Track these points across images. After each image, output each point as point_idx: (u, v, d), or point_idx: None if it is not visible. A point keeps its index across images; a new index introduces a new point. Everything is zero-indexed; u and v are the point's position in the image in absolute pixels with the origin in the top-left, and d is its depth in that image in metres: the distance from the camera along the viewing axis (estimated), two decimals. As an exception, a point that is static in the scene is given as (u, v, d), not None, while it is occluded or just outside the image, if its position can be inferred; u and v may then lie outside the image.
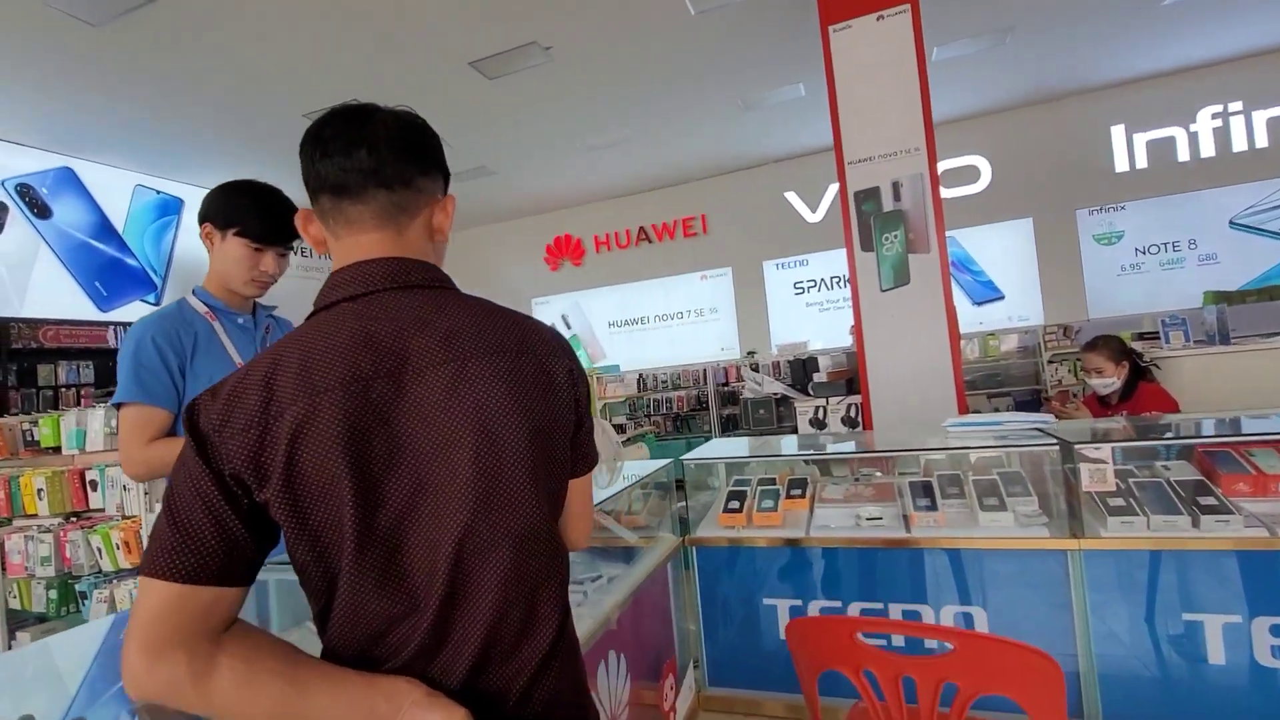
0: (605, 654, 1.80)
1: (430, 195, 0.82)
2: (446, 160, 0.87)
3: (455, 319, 0.75)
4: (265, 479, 0.65)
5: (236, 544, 0.65)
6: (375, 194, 0.76)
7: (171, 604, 0.62)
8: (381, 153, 0.75)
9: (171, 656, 0.60)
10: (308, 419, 0.66)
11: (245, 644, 0.65)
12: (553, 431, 0.78)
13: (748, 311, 8.57)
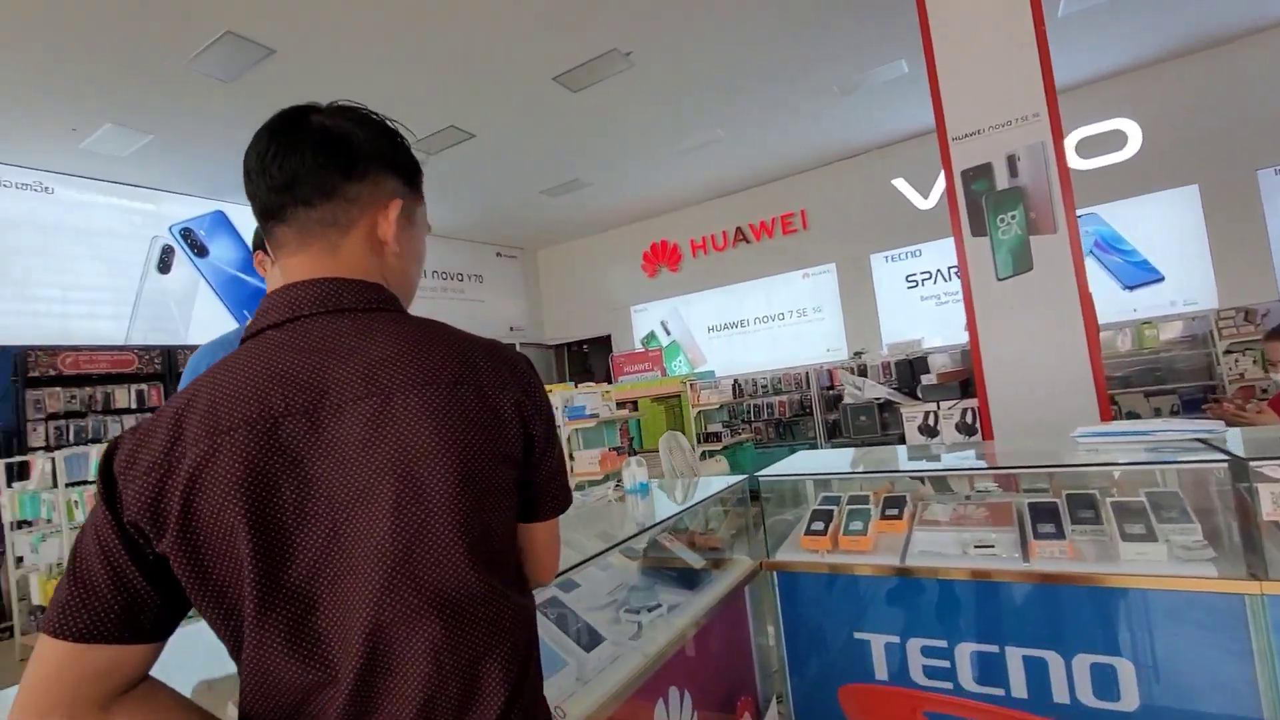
0: (664, 690, 1.66)
1: (371, 203, 0.72)
2: (402, 154, 0.77)
3: (385, 347, 0.65)
4: (163, 529, 0.58)
5: (137, 599, 0.59)
6: (296, 212, 0.69)
7: (62, 664, 0.56)
8: (295, 165, 0.68)
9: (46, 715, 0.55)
10: (206, 463, 0.59)
11: (142, 712, 0.58)
12: (493, 477, 0.66)
13: (855, 309, 8.04)
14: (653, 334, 9.58)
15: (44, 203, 5.67)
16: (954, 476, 2.63)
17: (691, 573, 1.95)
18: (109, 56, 4.18)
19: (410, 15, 4.12)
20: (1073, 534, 1.90)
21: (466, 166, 6.71)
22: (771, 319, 8.67)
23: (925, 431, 3.69)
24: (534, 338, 10.49)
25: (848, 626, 2.13)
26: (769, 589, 2.24)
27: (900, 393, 4.03)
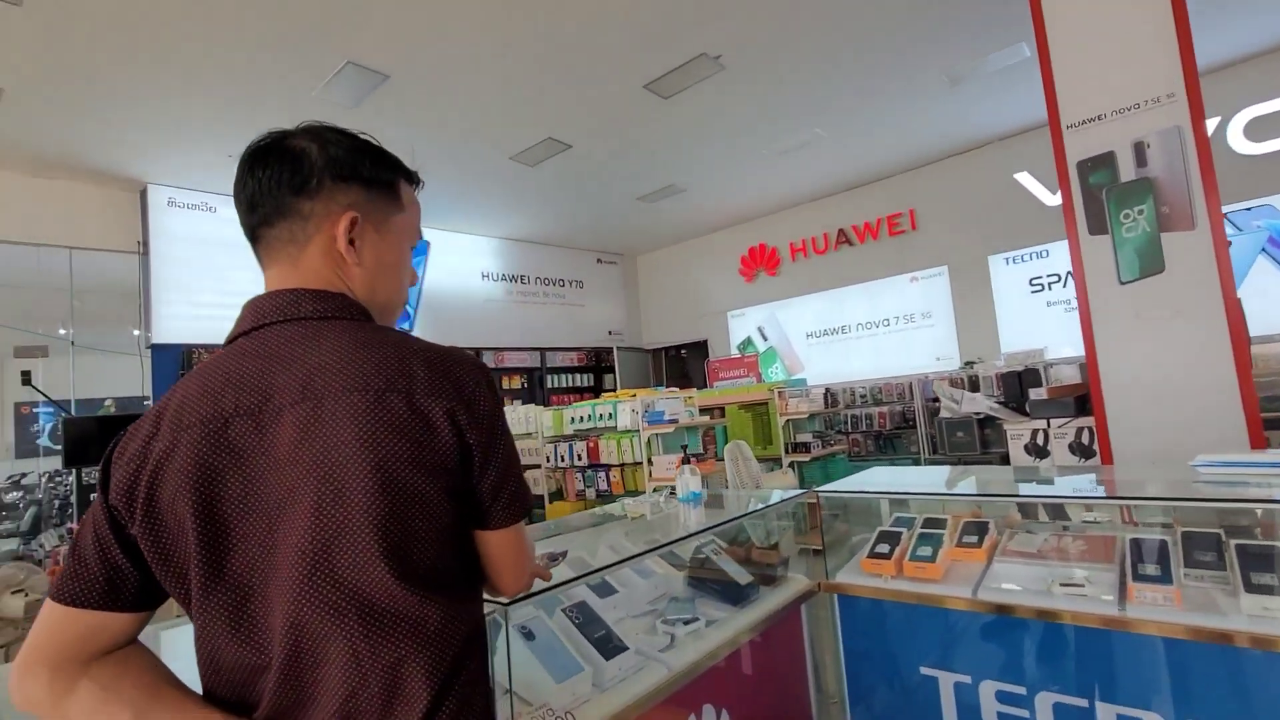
0: (697, 707, 1.62)
1: (325, 217, 0.76)
2: (368, 167, 0.80)
3: (326, 354, 0.68)
4: (133, 513, 0.65)
5: (119, 573, 0.66)
6: (261, 232, 0.75)
7: (55, 625, 0.65)
8: (253, 188, 0.73)
9: (34, 673, 0.63)
10: (168, 456, 0.65)
11: (112, 671, 0.65)
12: (416, 485, 0.66)
13: (970, 316, 7.43)
14: (749, 340, 9.39)
15: (208, 220, 6.54)
16: (1058, 505, 2.35)
17: (738, 588, 1.89)
18: (253, 92, 4.75)
19: (507, 35, 4.33)
20: (1185, 578, 1.64)
21: (564, 176, 6.94)
22: (875, 325, 8.22)
23: (1033, 451, 3.34)
24: (632, 342, 10.65)
25: (914, 660, 1.97)
26: (828, 612, 2.12)
27: (1007, 408, 3.66)
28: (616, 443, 4.44)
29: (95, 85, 4.50)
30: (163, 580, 0.67)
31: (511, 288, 9.17)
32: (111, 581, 0.66)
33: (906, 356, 7.86)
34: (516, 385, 9.15)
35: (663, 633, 1.66)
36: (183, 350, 6.30)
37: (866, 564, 2.06)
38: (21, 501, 9.76)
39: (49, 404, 12.31)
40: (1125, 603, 1.64)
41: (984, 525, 2.11)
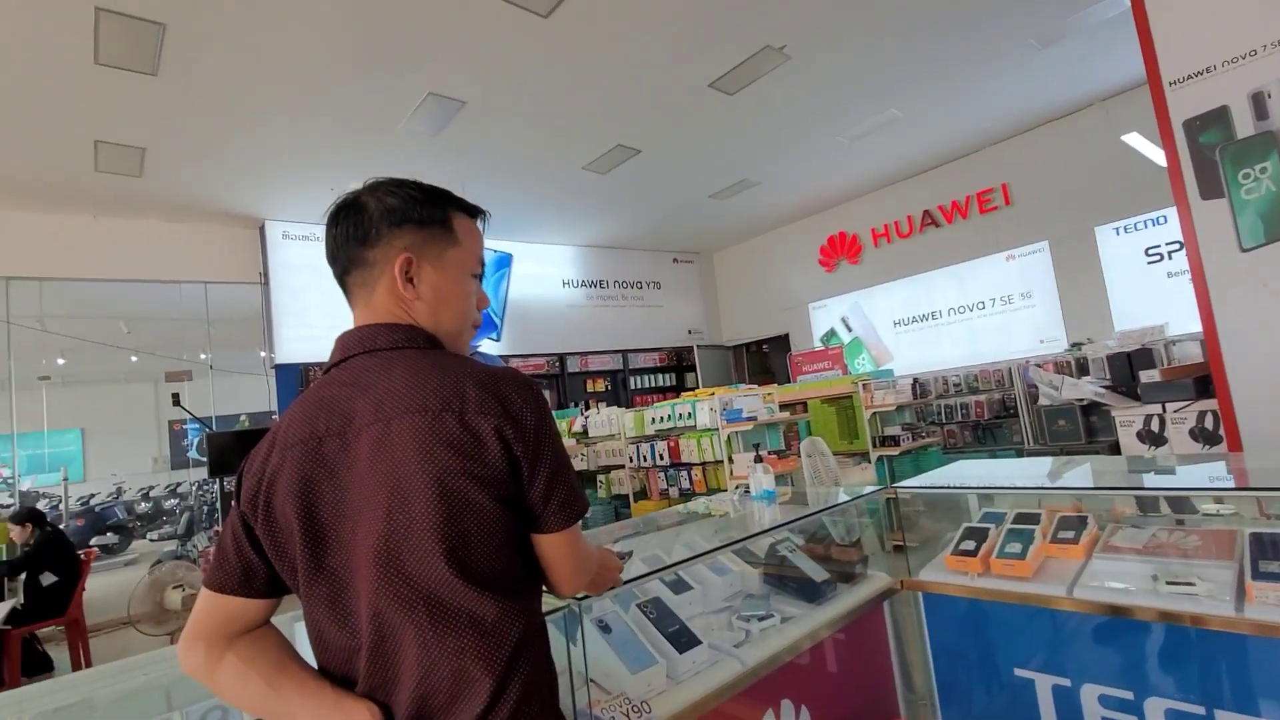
0: (775, 702, 1.65)
1: (386, 261, 0.86)
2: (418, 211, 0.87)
3: (395, 380, 0.78)
4: (256, 517, 0.78)
5: (251, 566, 0.79)
6: (345, 281, 0.86)
7: (206, 608, 0.79)
8: (332, 245, 0.85)
9: (195, 646, 0.77)
10: (278, 471, 0.77)
11: (251, 648, 0.78)
12: (468, 494, 0.74)
13: (1076, 293, 6.87)
14: (833, 331, 9.14)
15: (316, 250, 7.14)
16: (1179, 498, 2.18)
17: (814, 585, 1.89)
18: (348, 130, 5.18)
19: (570, 52, 4.48)
20: (1315, 577, 1.49)
21: (635, 181, 7.05)
22: (969, 309, 7.76)
23: (1147, 439, 3.09)
24: (712, 339, 10.62)
25: (1008, 662, 1.90)
26: (913, 611, 2.07)
27: (1116, 392, 3.39)
28: (696, 441, 4.49)
29: (219, 138, 5.06)
30: (280, 572, 0.80)
31: (591, 293, 9.40)
32: (246, 573, 0.79)
33: (1005, 340, 7.38)
34: (601, 388, 9.38)
35: (738, 629, 1.70)
36: (301, 368, 6.94)
37: (951, 561, 2.00)
38: (178, 508, 11.05)
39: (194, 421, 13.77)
40: (1244, 603, 1.51)
41: (1082, 520, 1.99)
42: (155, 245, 6.46)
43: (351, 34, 4.02)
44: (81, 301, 7.33)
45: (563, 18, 4.11)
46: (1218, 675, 1.54)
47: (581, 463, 5.54)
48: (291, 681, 0.77)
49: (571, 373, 9.07)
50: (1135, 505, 2.18)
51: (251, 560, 0.80)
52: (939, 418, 6.43)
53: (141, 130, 4.82)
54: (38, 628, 4.27)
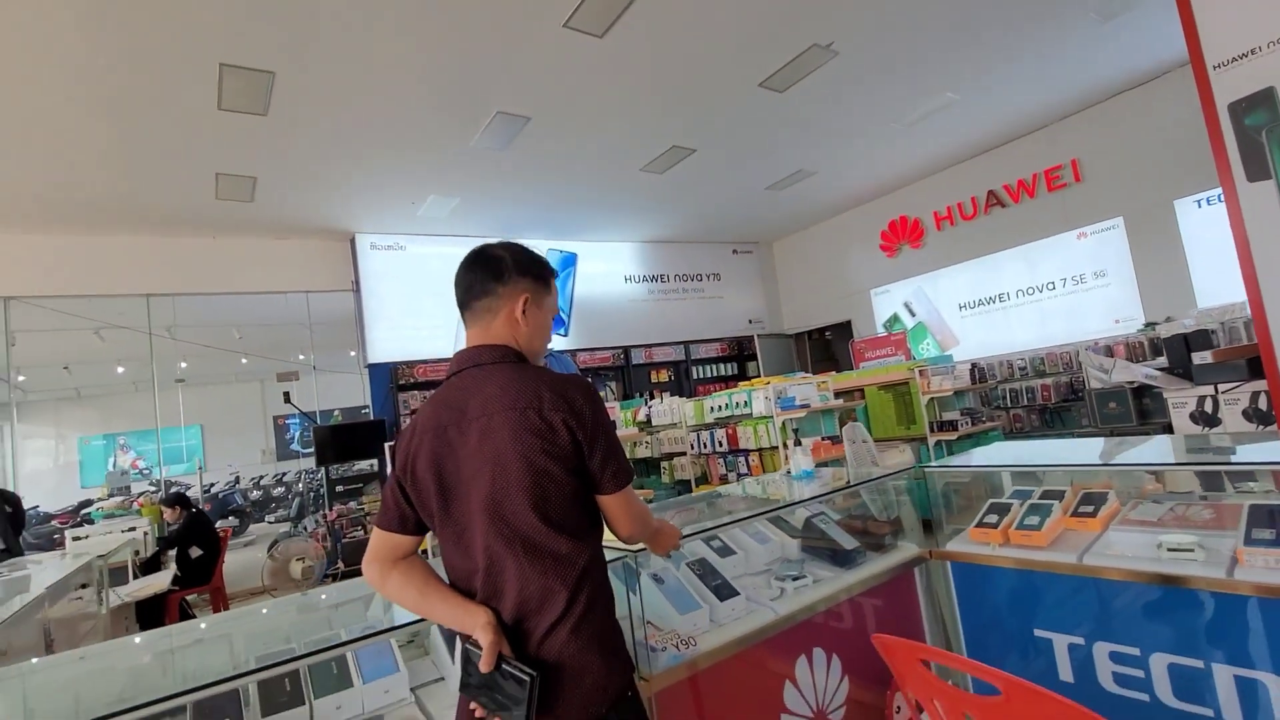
0: (808, 649, 1.92)
1: (510, 297, 1.20)
2: (535, 267, 1.24)
3: (493, 386, 1.12)
4: (405, 479, 1.14)
5: (405, 514, 1.16)
6: (471, 305, 1.20)
7: (377, 541, 1.16)
8: (470, 279, 1.19)
9: (371, 566, 1.15)
10: (419, 449, 1.13)
11: (408, 568, 1.15)
12: (546, 466, 1.07)
13: (1154, 270, 6.60)
14: (896, 317, 9.07)
15: (399, 258, 7.83)
16: (1213, 474, 2.29)
17: (845, 553, 2.14)
18: (426, 149, 5.69)
19: (624, 62, 4.77)
20: (1312, 544, 1.63)
21: (691, 178, 7.29)
22: (1039, 290, 7.56)
23: (1200, 420, 3.12)
24: (773, 328, 10.73)
25: (1028, 623, 2.09)
26: (941, 577, 2.29)
27: (1172, 374, 3.39)
28: (753, 429, 4.73)
29: (317, 164, 5.69)
30: (422, 518, 1.15)
31: (653, 287, 9.72)
32: (401, 518, 1.16)
33: (1078, 322, 7.17)
34: (664, 379, 9.70)
35: (774, 587, 1.98)
36: (390, 367, 7.63)
37: (974, 533, 2.20)
38: (288, 494, 12.19)
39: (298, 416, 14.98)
40: (1236, 566, 1.66)
41: (1102, 496, 2.14)
42: (264, 260, 7.27)
43: (428, 67, 4.48)
44: (201, 312, 8.28)
45: (616, 36, 4.42)
46: (1213, 632, 1.70)
47: (645, 450, 5.88)
48: (436, 592, 1.12)
49: (636, 364, 9.43)
50: (1170, 481, 2.30)
51: (405, 509, 1.16)
52: (1004, 402, 6.37)
53: (253, 162, 5.50)
54: (188, 594, 5.04)
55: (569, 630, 1.05)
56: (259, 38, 3.93)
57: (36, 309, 6.35)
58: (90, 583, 3.24)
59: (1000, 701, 0.93)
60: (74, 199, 5.68)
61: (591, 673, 1.06)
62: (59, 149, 4.83)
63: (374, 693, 1.45)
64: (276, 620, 1.84)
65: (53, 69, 3.91)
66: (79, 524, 6.75)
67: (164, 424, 8.27)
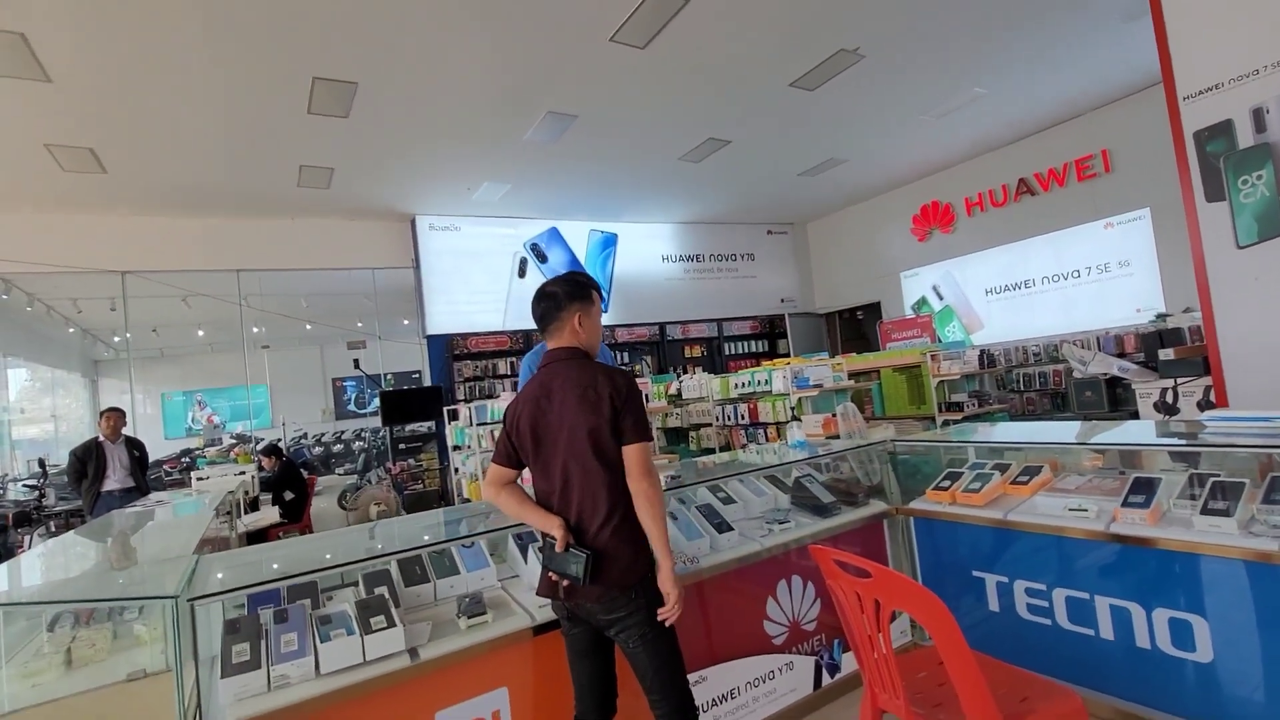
0: (788, 576, 2.52)
1: (569, 317, 1.78)
2: (580, 291, 1.82)
3: (567, 374, 1.72)
4: (512, 431, 1.76)
5: (511, 454, 1.78)
6: (545, 325, 1.80)
7: (493, 471, 1.79)
8: (541, 309, 1.79)
9: (490, 487, 1.78)
10: (521, 413, 1.75)
11: (511, 490, 1.77)
12: (600, 425, 1.66)
13: (1179, 260, 6.76)
14: (924, 299, 9.37)
15: (455, 238, 8.51)
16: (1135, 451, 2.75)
17: (823, 506, 2.71)
18: (482, 142, 6.28)
19: (666, 64, 5.22)
20: (1174, 505, 2.12)
21: (726, 167, 7.71)
22: (1064, 278, 7.78)
23: (1162, 409, 3.54)
24: (804, 308, 11.11)
25: (967, 566, 2.64)
26: (904, 529, 2.84)
27: (1147, 367, 3.79)
28: (772, 405, 5.27)
29: (388, 156, 6.36)
30: (522, 457, 1.77)
31: (689, 266, 10.21)
32: (509, 455, 1.78)
33: (1102, 309, 7.40)
34: (698, 354, 10.24)
35: (765, 529, 2.57)
36: (446, 338, 8.39)
37: (931, 494, 2.74)
38: (355, 450, 13.27)
39: (356, 379, 16.03)
40: (1113, 523, 2.17)
41: (1038, 468, 2.64)
42: (335, 239, 8.05)
43: (487, 74, 5.04)
44: (275, 284, 9.15)
45: (658, 47, 4.88)
46: (1095, 572, 2.22)
47: (676, 420, 6.48)
48: (529, 505, 1.75)
49: (671, 340, 9.99)
50: (1108, 460, 2.77)
51: (511, 452, 1.78)
52: (1018, 386, 6.72)
53: (333, 155, 6.19)
54: (284, 529, 5.93)
55: (611, 529, 1.65)
56: (347, 54, 4.54)
57: (139, 280, 7.25)
58: (224, 512, 4.05)
59: (871, 581, 1.49)
60: (180, 186, 6.49)
61: (624, 558, 1.66)
62: (172, 143, 5.59)
63: (473, 579, 2.10)
64: (395, 530, 2.53)
65: (175, 75, 4.60)
66: (186, 469, 7.79)
67: (238, 383, 9.19)
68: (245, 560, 2.11)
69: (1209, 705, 1.96)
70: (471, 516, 2.63)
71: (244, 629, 1.60)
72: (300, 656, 1.58)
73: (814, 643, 2.54)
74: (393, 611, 1.74)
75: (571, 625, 1.74)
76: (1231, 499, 1.96)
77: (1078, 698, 1.54)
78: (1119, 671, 2.17)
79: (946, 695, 1.60)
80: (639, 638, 1.62)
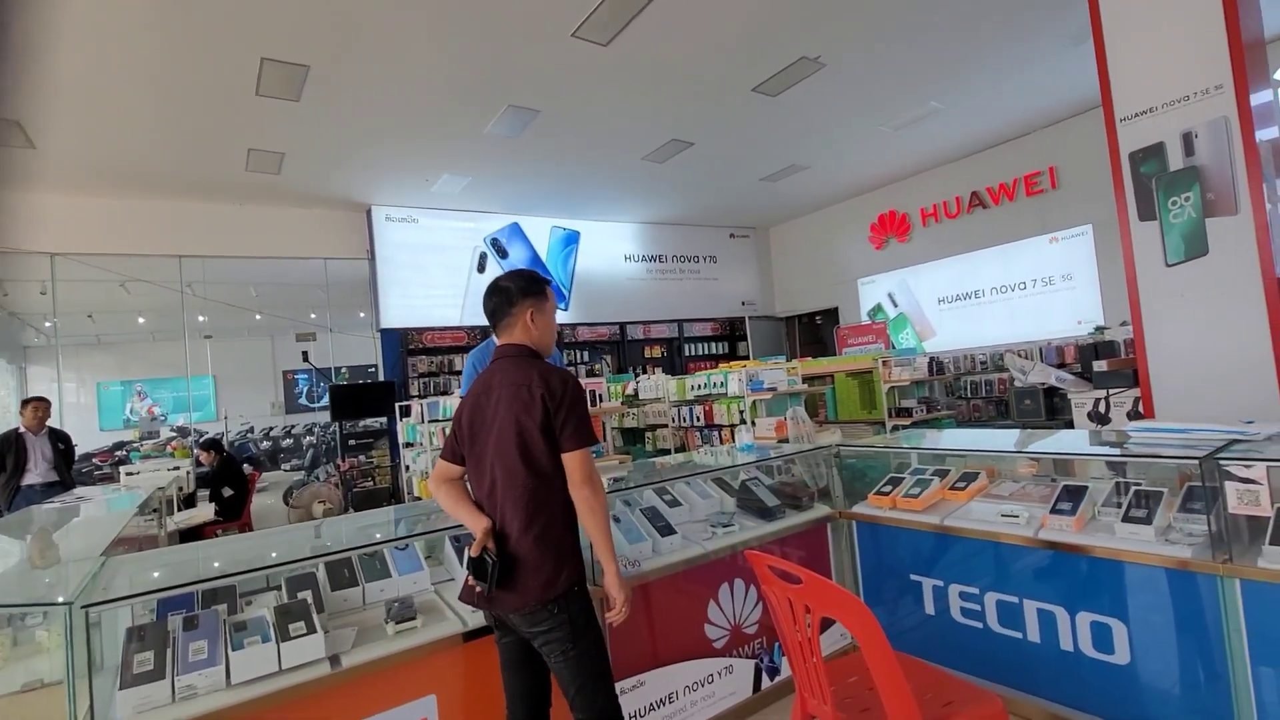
0: (730, 579, 2.51)
1: (520, 312, 1.74)
2: (534, 286, 1.78)
3: (510, 372, 1.68)
4: (457, 429, 1.71)
5: (455, 450, 1.72)
6: (496, 321, 1.75)
7: (439, 467, 1.73)
8: (492, 305, 1.74)
9: (433, 483, 1.72)
10: (465, 409, 1.70)
11: (453, 486, 1.71)
12: (529, 426, 1.62)
13: (1115, 276, 7.06)
14: (879, 306, 9.57)
15: (413, 230, 8.31)
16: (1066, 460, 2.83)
17: (768, 509, 2.72)
18: (442, 134, 6.14)
19: (628, 69, 5.19)
20: (1101, 513, 2.20)
21: (690, 169, 7.73)
22: (1010, 289, 8.06)
23: (1095, 418, 3.67)
24: (764, 311, 11.24)
25: (906, 569, 2.68)
26: (847, 533, 2.87)
27: (1082, 378, 3.94)
28: (727, 407, 5.30)
29: (341, 143, 6.16)
30: (463, 454, 1.72)
31: (652, 266, 10.20)
32: (453, 452, 1.73)
33: (1044, 320, 7.69)
34: (658, 355, 10.25)
35: (709, 532, 2.56)
36: (401, 333, 8.19)
37: (873, 499, 2.78)
38: (303, 445, 12.87)
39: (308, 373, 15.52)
40: (1041, 529, 2.23)
41: (975, 474, 2.71)
42: (286, 227, 7.77)
43: (447, 64, 4.93)
44: (222, 271, 8.79)
45: (620, 45, 4.85)
46: (1023, 576, 2.28)
47: (632, 421, 6.46)
48: (465, 503, 1.69)
49: (632, 340, 9.97)
50: (1043, 466, 2.86)
51: (455, 447, 1.73)
52: (965, 393, 6.92)
53: (283, 140, 5.97)
54: (222, 528, 5.69)
55: (533, 538, 1.60)
56: (298, 36, 4.38)
57: (71, 262, 6.86)
58: (152, 510, 3.85)
59: (802, 587, 1.49)
60: (117, 166, 6.17)
61: (546, 569, 1.60)
62: (110, 120, 5.30)
63: (405, 583, 2.03)
64: (329, 531, 2.43)
65: (110, 45, 4.35)
66: (117, 463, 7.41)
67: (182, 374, 8.81)
68: (162, 562, 2.00)
69: (1126, 706, 2.04)
70: (411, 517, 2.55)
71: (148, 637, 1.51)
72: (209, 665, 1.49)
73: (755, 645, 2.54)
74: (314, 617, 1.66)
75: (502, 634, 1.70)
76: (1151, 507, 2.04)
77: (1000, 702, 1.57)
78: (1044, 673, 2.23)
79: (876, 700, 1.61)
80: (561, 653, 1.58)
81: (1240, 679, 1.80)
